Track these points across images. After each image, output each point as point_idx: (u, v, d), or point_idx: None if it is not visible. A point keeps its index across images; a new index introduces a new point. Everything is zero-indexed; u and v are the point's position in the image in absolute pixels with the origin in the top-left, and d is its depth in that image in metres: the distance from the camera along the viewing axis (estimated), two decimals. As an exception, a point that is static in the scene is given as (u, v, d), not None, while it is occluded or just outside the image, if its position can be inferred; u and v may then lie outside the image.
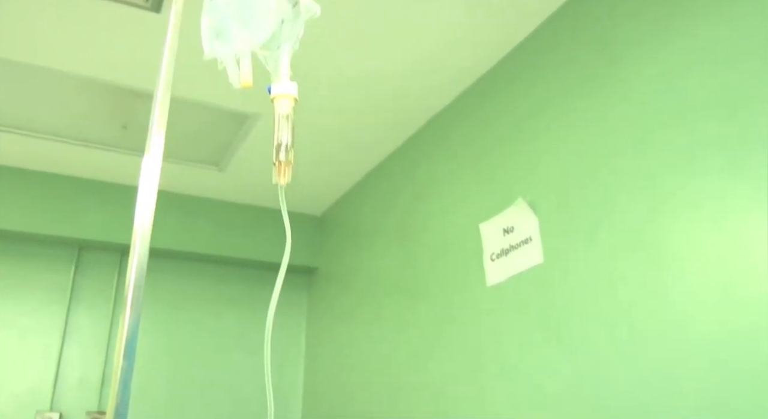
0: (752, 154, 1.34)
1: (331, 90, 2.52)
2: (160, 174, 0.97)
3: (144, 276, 0.94)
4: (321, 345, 3.43)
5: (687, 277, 1.44)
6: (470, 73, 2.42)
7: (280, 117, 0.92)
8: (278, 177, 0.91)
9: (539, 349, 1.85)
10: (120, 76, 2.41)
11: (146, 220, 0.92)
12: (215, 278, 3.50)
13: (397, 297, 2.73)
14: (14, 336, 2.96)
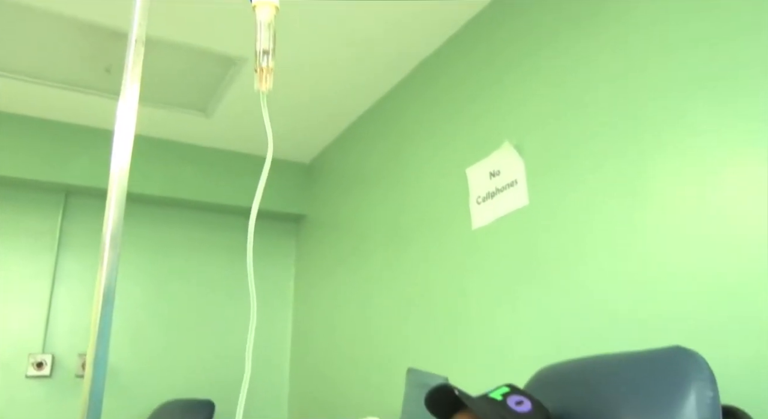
0: (735, 89, 1.35)
1: (318, 37, 2.48)
2: (146, 120, 0.95)
3: (122, 221, 0.91)
4: (309, 291, 3.48)
5: (669, 218, 1.46)
6: (456, 19, 2.38)
7: (261, 24, 0.91)
8: (260, 84, 0.91)
9: (523, 289, 1.88)
10: (100, 16, 2.35)
11: (123, 165, 0.87)
12: (203, 225, 3.50)
13: (384, 242, 2.76)
14: (4, 281, 2.98)
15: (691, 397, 0.92)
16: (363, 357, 2.80)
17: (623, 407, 1.01)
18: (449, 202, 2.31)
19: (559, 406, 1.12)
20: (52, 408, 2.91)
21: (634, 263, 1.53)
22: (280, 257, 3.67)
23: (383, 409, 2.43)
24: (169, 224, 3.41)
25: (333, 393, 3.00)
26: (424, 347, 2.37)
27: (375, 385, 2.66)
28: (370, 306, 2.80)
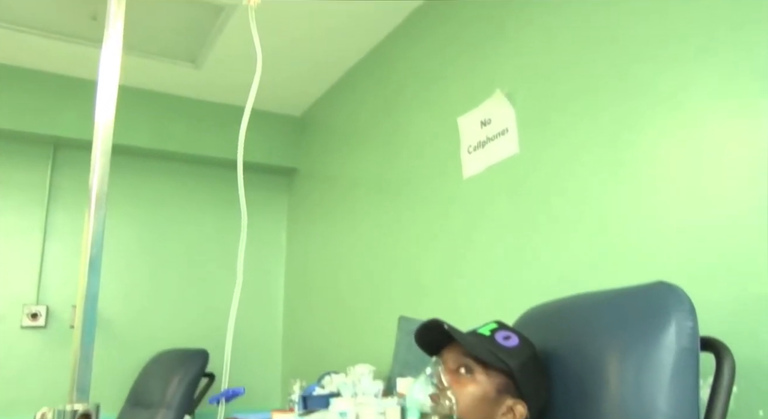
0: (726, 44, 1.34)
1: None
2: (134, 70, 0.93)
3: (107, 174, 0.88)
4: (302, 243, 3.51)
5: (657, 165, 1.47)
6: (452, -39, 2.34)
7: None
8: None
9: (513, 235, 1.91)
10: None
11: (108, 116, 0.83)
12: (194, 177, 3.49)
13: (375, 195, 2.77)
14: (-5, 233, 2.99)
15: (671, 327, 0.95)
16: (355, 307, 2.84)
17: (607, 339, 1.04)
18: (440, 152, 2.31)
19: (546, 343, 1.15)
20: (48, 357, 2.96)
21: (622, 209, 1.55)
22: (272, 210, 3.68)
23: (375, 357, 2.48)
24: (159, 176, 3.40)
25: (326, 342, 3.05)
26: (415, 295, 2.41)
27: (367, 334, 2.71)
28: (362, 257, 2.83)
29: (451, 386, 1.05)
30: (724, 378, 0.94)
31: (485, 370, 1.06)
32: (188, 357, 2.73)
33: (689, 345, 0.94)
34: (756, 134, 1.26)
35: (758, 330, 1.20)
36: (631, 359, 0.97)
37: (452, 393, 1.04)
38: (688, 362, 0.94)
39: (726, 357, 0.96)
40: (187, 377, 2.65)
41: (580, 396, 1.04)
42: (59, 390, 2.91)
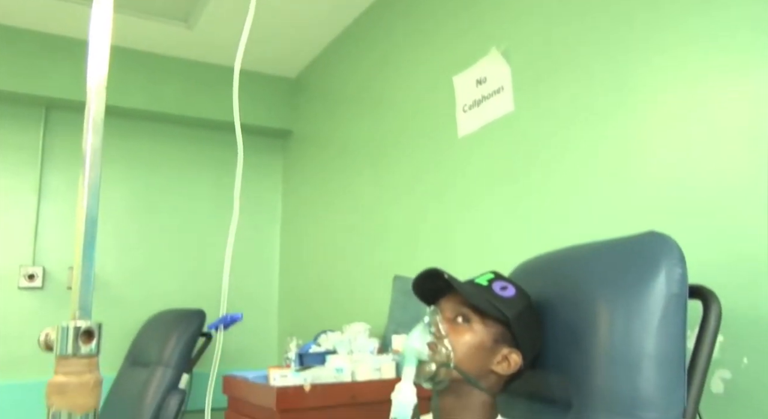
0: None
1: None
2: (126, 30, 0.90)
3: (101, 135, 0.85)
4: (297, 205, 3.52)
5: (652, 122, 1.49)
6: None
7: None
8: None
9: (509, 192, 1.93)
10: None
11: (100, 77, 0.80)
12: (188, 139, 3.48)
13: (371, 155, 2.78)
14: (-11, 195, 2.99)
15: (661, 274, 0.98)
16: (350, 267, 2.88)
17: (598, 287, 1.06)
18: (436, 112, 2.32)
19: (540, 294, 1.17)
20: (45, 318, 2.98)
21: (616, 164, 1.56)
22: (266, 172, 3.68)
23: (370, 316, 2.52)
24: (152, 138, 3.38)
25: (321, 302, 3.09)
26: (410, 255, 2.43)
27: (362, 294, 2.75)
28: (358, 217, 2.85)
29: (448, 335, 1.07)
30: (711, 322, 0.97)
31: (482, 319, 1.08)
32: (185, 317, 2.76)
33: (678, 290, 0.97)
34: (754, 90, 1.27)
35: (745, 282, 1.23)
36: (621, 305, 1.00)
37: (449, 341, 1.06)
38: (677, 307, 0.97)
39: (713, 302, 0.99)
40: (185, 336, 2.68)
41: (571, 344, 1.07)
42: (58, 349, 2.95)
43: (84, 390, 0.43)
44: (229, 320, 0.68)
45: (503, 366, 1.07)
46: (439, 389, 1.07)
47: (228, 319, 0.68)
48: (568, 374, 1.06)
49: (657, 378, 0.93)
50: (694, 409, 0.94)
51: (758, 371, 1.21)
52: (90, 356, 0.45)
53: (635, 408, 0.93)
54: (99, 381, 0.45)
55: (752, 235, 1.24)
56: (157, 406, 2.50)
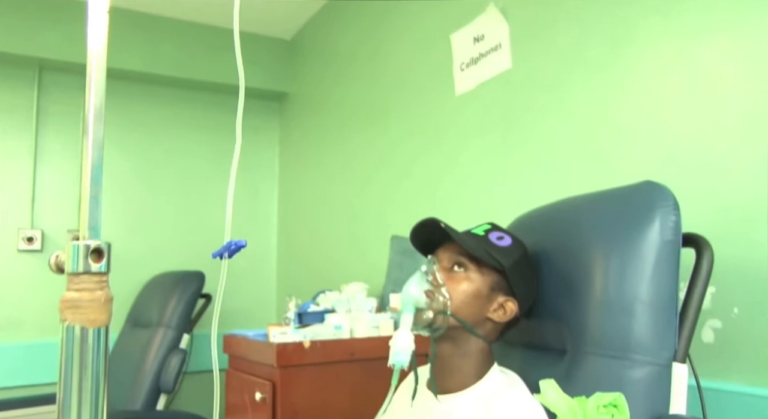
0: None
1: None
2: None
3: (103, 99, 0.83)
4: (294, 167, 3.52)
5: (649, 76, 1.48)
6: None
7: None
8: None
9: (505, 149, 1.94)
10: None
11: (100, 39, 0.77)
12: (185, 102, 3.45)
13: (368, 116, 2.77)
14: (-16, 158, 2.98)
15: (655, 221, 0.99)
16: (348, 229, 2.89)
17: (593, 236, 1.08)
18: (433, 71, 2.30)
19: (536, 245, 1.19)
20: (45, 280, 3.00)
21: (613, 118, 1.57)
22: (263, 135, 3.67)
23: (368, 276, 2.54)
24: (149, 100, 3.36)
25: (319, 264, 3.12)
26: (407, 214, 2.45)
27: (360, 254, 2.77)
28: (355, 179, 2.86)
29: (445, 283, 1.08)
30: (703, 268, 0.99)
31: (479, 268, 1.09)
32: (185, 279, 2.79)
33: (672, 237, 0.99)
34: (747, 47, 1.27)
35: (736, 234, 1.25)
36: (615, 252, 1.02)
37: (446, 289, 1.08)
38: (670, 254, 0.98)
39: (705, 249, 1.01)
40: (185, 297, 2.71)
41: (566, 293, 1.09)
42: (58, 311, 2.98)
43: (96, 305, 0.45)
44: (234, 246, 0.69)
45: (499, 314, 1.09)
46: (437, 336, 1.09)
47: (232, 245, 0.68)
48: (563, 322, 1.08)
49: (650, 322, 0.96)
50: (685, 352, 0.97)
51: (748, 320, 1.24)
52: (100, 274, 0.47)
53: (628, 351, 0.95)
54: (110, 297, 0.47)
55: (744, 187, 1.25)
56: (158, 366, 2.54)
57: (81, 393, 0.43)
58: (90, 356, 0.44)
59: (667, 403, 0.94)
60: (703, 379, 1.05)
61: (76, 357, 0.44)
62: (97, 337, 0.45)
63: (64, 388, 0.44)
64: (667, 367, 0.95)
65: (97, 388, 0.44)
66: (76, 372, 0.44)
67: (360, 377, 1.97)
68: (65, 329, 0.45)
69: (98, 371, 0.44)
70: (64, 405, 0.44)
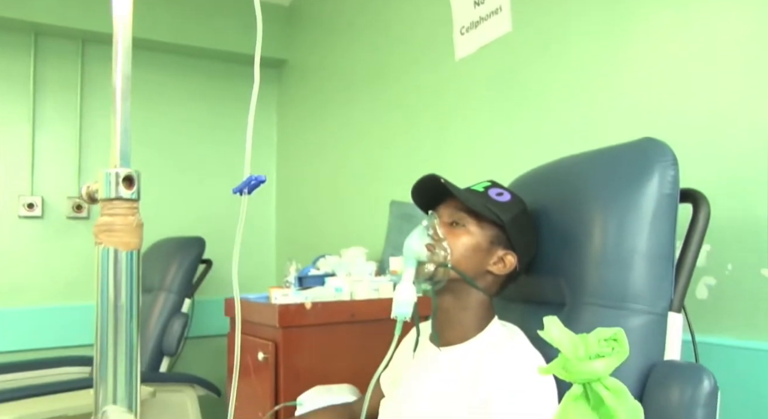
0: None
1: None
2: None
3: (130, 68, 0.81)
4: (293, 134, 3.52)
5: (649, 34, 1.49)
6: None
7: None
8: None
9: (504, 114, 1.94)
10: None
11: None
12: (183, 69, 3.44)
13: (367, 82, 2.77)
14: (-18, 125, 2.97)
15: (654, 176, 1.01)
16: (347, 195, 2.91)
17: (593, 191, 1.10)
18: (433, 36, 2.30)
19: (536, 202, 1.21)
20: (46, 246, 3.04)
21: (613, 78, 1.57)
22: (261, 102, 3.62)
23: (367, 241, 2.57)
24: (148, 67, 3.33)
25: (319, 230, 3.14)
26: (406, 180, 2.45)
27: (359, 219, 2.79)
28: (355, 144, 2.86)
29: (445, 237, 1.11)
30: (700, 222, 1.01)
31: (478, 222, 1.11)
32: (185, 244, 2.81)
33: (670, 191, 1.01)
34: (747, 4, 1.28)
35: (732, 192, 1.27)
36: (615, 206, 1.04)
37: (447, 243, 1.10)
38: (668, 207, 1.00)
39: (702, 204, 1.03)
40: (186, 262, 2.74)
41: (565, 246, 1.12)
42: (60, 276, 3.01)
43: (129, 229, 0.47)
44: (254, 181, 0.70)
45: (499, 267, 1.11)
46: (438, 289, 1.12)
47: (252, 180, 0.70)
48: (562, 276, 1.11)
49: (647, 273, 0.98)
50: (680, 302, 1.00)
51: (741, 276, 1.27)
52: (132, 200, 0.49)
53: (626, 301, 0.98)
54: (141, 223, 0.49)
55: (739, 147, 1.27)
56: (161, 329, 2.58)
57: (117, 310, 0.46)
58: (123, 276, 0.46)
59: (662, 351, 0.97)
60: (696, 334, 1.08)
61: (111, 278, 0.46)
62: (130, 259, 0.48)
63: (101, 307, 0.47)
64: (663, 316, 0.98)
65: (131, 305, 0.46)
66: (111, 292, 0.46)
67: (360, 338, 2.01)
68: (100, 251, 0.48)
69: (132, 290, 0.47)
70: (102, 320, 0.46)
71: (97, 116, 3.18)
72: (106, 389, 0.45)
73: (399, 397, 1.17)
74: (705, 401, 0.85)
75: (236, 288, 0.69)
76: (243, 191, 0.70)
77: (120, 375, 0.44)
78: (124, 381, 0.44)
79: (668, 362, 0.96)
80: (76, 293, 3.06)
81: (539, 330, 0.63)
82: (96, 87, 3.18)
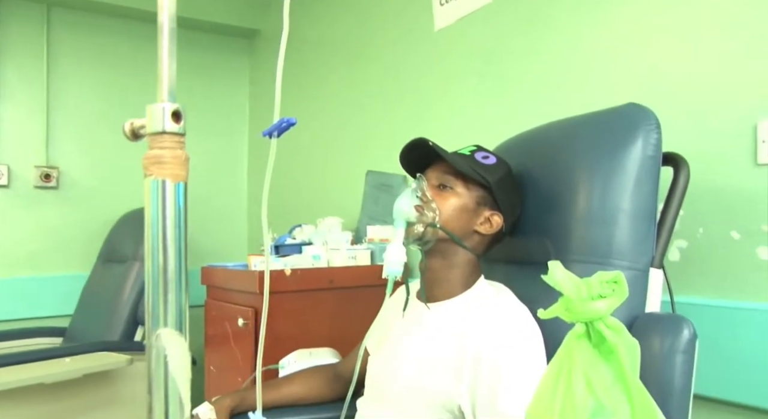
0: None
1: None
2: None
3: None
4: (266, 107, 3.49)
5: (633, 13, 1.52)
6: None
7: None
8: None
9: (485, 86, 1.97)
10: None
11: None
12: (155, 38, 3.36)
13: (344, 55, 2.75)
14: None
15: (639, 139, 1.05)
16: (323, 166, 2.91)
17: (578, 154, 1.13)
18: (411, 6, 2.30)
19: (522, 167, 1.24)
20: (12, 216, 2.97)
21: (595, 47, 1.61)
22: (233, 73, 3.61)
23: (343, 211, 2.58)
24: (121, 36, 3.25)
25: (294, 200, 3.14)
26: (383, 151, 2.48)
27: (335, 190, 2.80)
28: (330, 117, 2.86)
29: (434, 199, 1.14)
30: (680, 183, 1.06)
31: (465, 184, 1.15)
32: (158, 214, 2.78)
33: (653, 153, 1.05)
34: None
35: (706, 158, 1.33)
36: (600, 167, 1.08)
37: (436, 205, 1.13)
38: (652, 168, 1.05)
39: (683, 166, 1.08)
40: (159, 232, 2.71)
41: (551, 207, 1.16)
42: (27, 247, 2.95)
43: (178, 162, 0.49)
44: (285, 124, 0.72)
45: (486, 227, 1.15)
46: (427, 249, 1.15)
47: (284, 123, 0.71)
48: (548, 235, 1.15)
49: (630, 230, 1.03)
50: (661, 258, 1.05)
51: (712, 239, 1.33)
52: (180, 134, 0.51)
53: (610, 257, 1.03)
54: (187, 157, 0.51)
55: (713, 115, 1.32)
56: (136, 298, 2.57)
57: (165, 240, 0.47)
58: (173, 207, 0.48)
59: (643, 304, 1.02)
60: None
61: (160, 209, 0.48)
62: (179, 191, 0.49)
63: (152, 237, 0.48)
64: (644, 272, 1.03)
65: (179, 233, 0.48)
66: (160, 224, 0.48)
67: (338, 304, 2.04)
68: (150, 183, 0.49)
69: (179, 220, 0.48)
70: (152, 249, 0.48)
71: (66, 83, 3.10)
72: (157, 314, 0.47)
73: (388, 353, 1.21)
74: (684, 348, 0.90)
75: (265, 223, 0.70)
76: (273, 133, 0.71)
77: (170, 302, 0.46)
78: (174, 307, 0.46)
79: (649, 314, 1.01)
80: (44, 264, 3.01)
81: (543, 275, 0.66)
82: (63, 54, 3.10)
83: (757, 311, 1.22)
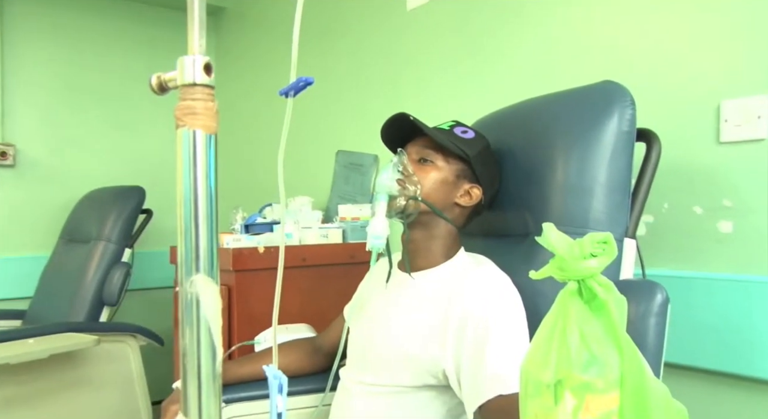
0: None
1: None
2: None
3: None
4: (234, 86, 3.44)
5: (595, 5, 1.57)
6: None
7: None
8: None
9: (458, 67, 2.00)
10: None
11: None
12: (118, 14, 3.27)
13: (314, 31, 2.74)
14: None
15: (614, 115, 1.10)
16: (292, 145, 2.89)
17: (556, 129, 1.17)
18: (383, -15, 2.31)
19: (500, 142, 1.28)
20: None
21: (570, 25, 1.65)
22: (198, 53, 3.54)
23: (313, 190, 2.58)
24: (81, 11, 3.15)
25: (262, 180, 3.12)
26: (354, 130, 2.49)
27: (305, 170, 2.80)
28: (300, 97, 2.83)
29: (415, 172, 1.16)
30: (652, 157, 1.11)
31: (445, 158, 1.18)
32: (123, 194, 2.73)
33: (628, 129, 1.10)
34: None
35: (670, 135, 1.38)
36: (577, 141, 1.12)
37: (417, 178, 1.16)
38: (626, 143, 1.10)
39: (655, 142, 1.13)
40: (125, 212, 2.66)
41: (529, 180, 1.20)
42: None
43: (209, 113, 0.50)
44: (302, 83, 0.73)
45: (465, 199, 1.18)
46: (409, 221, 1.18)
47: (301, 82, 0.72)
48: (525, 207, 1.19)
49: (606, 201, 1.08)
50: (635, 228, 1.10)
51: (676, 214, 1.40)
52: (211, 87, 0.52)
53: (587, 227, 1.07)
54: (217, 109, 0.52)
55: (680, 92, 1.38)
56: (101, 279, 2.52)
57: (196, 190, 0.48)
58: (205, 158, 0.49)
59: (617, 272, 1.07)
60: (636, 266, 1.19)
61: (191, 160, 0.49)
62: (211, 142, 0.50)
63: (185, 186, 0.49)
64: (619, 241, 1.08)
65: (210, 184, 0.49)
66: (191, 174, 0.49)
67: (312, 281, 2.06)
68: (182, 134, 0.50)
69: (211, 170, 0.49)
70: (185, 200, 0.49)
71: (21, 60, 2.99)
72: (189, 261, 0.48)
73: (371, 323, 1.23)
74: (657, 310, 0.95)
75: (282, 196, 0.71)
76: (289, 93, 0.72)
77: (202, 248, 0.47)
78: (206, 254, 0.47)
79: (624, 280, 1.06)
80: (0, 244, 2.93)
81: (536, 237, 0.70)
82: (17, 29, 2.99)
83: (717, 280, 1.29)
